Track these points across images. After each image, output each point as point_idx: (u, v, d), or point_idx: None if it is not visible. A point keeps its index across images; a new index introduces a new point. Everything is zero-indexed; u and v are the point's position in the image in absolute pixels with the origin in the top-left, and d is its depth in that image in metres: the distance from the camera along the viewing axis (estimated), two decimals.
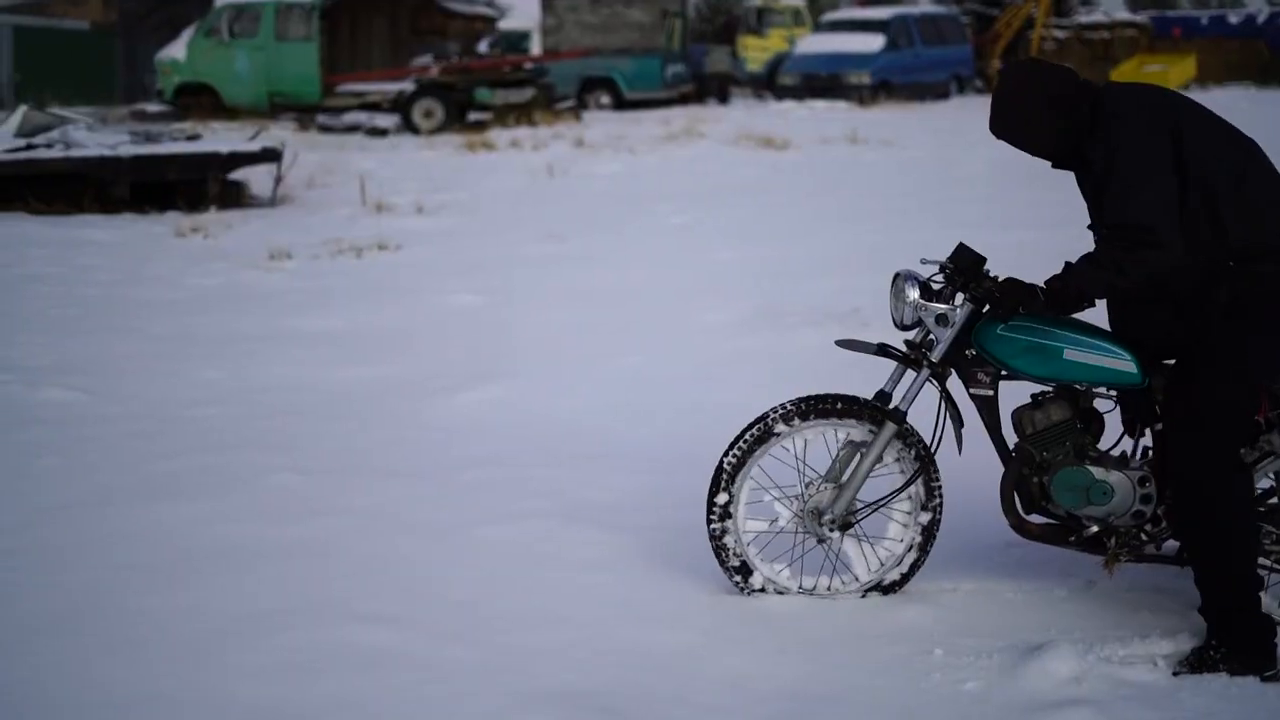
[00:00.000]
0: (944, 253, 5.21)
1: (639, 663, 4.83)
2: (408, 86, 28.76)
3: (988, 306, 5.02)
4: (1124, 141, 4.73)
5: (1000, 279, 5.01)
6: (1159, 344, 4.95)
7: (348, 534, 6.00)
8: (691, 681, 4.69)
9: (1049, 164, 5.14)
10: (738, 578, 5.33)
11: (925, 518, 5.30)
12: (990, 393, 5.12)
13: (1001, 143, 5.05)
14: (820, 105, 33.21)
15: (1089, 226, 5.03)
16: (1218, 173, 4.72)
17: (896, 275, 5.18)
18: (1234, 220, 4.70)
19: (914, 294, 5.09)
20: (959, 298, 5.09)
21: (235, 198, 17.11)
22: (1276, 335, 4.82)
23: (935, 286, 5.14)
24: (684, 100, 37.01)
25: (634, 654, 4.89)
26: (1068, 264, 4.88)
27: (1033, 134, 4.93)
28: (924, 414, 5.21)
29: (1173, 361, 4.96)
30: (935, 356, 5.11)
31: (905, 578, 5.35)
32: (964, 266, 5.06)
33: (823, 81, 34.83)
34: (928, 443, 5.25)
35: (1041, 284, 4.90)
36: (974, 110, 26.77)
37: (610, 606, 5.29)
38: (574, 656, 4.87)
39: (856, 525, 5.29)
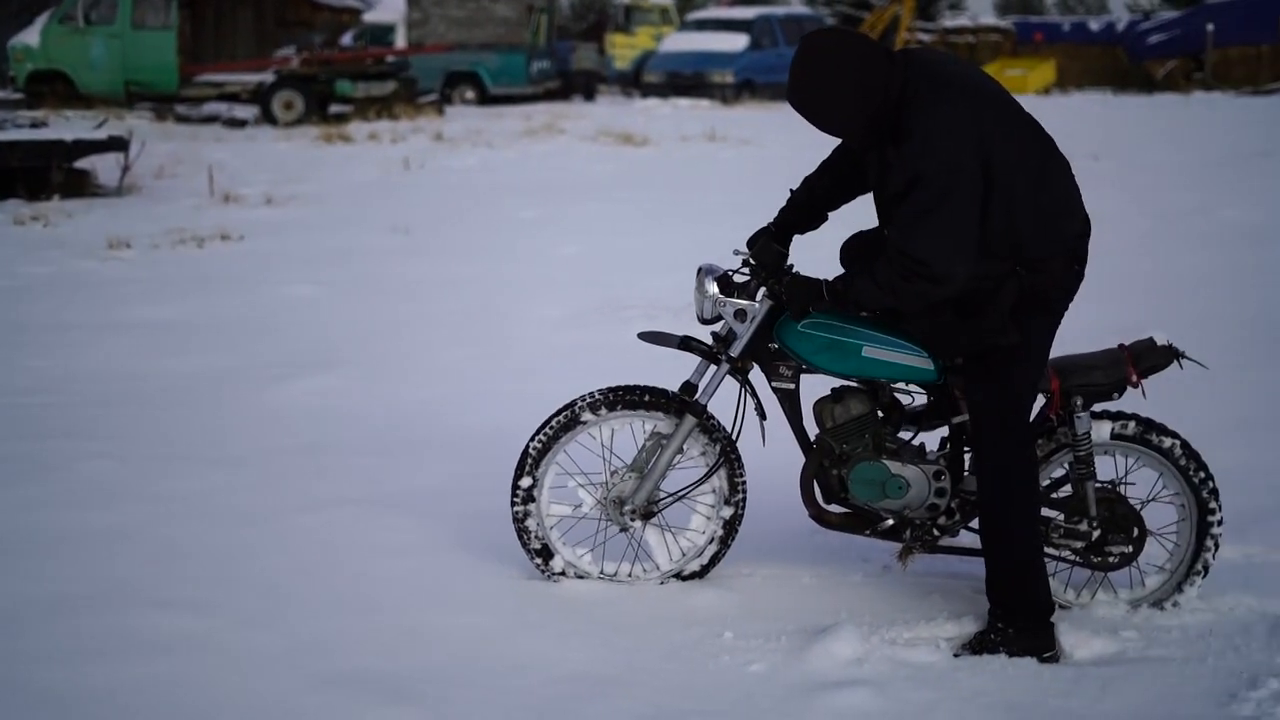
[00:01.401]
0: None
1: (434, 646, 4.87)
2: (267, 78, 28.54)
3: None
4: (929, 167, 4.59)
5: (793, 276, 5.07)
6: (945, 346, 4.98)
7: (157, 520, 5.98)
8: (483, 664, 4.73)
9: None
10: (539, 560, 5.40)
11: (728, 512, 5.38)
12: (791, 386, 5.20)
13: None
14: (684, 103, 33.44)
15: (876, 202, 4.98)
16: (1020, 183, 4.68)
17: (699, 269, 5.24)
18: (1031, 231, 4.72)
19: (713, 289, 5.15)
20: (761, 293, 5.16)
21: (80, 186, 16.84)
22: (1056, 316, 4.93)
23: (740, 280, 5.21)
24: (550, 96, 37.06)
25: (430, 637, 4.93)
26: (854, 270, 4.88)
27: (833, 115, 4.72)
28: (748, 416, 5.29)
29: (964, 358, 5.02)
30: (734, 352, 5.17)
31: (705, 569, 5.43)
32: (766, 262, 5.13)
33: (687, 80, 35.10)
34: (732, 436, 5.33)
35: (827, 280, 4.94)
36: None
37: (413, 591, 5.32)
38: (371, 640, 4.90)
39: (659, 515, 5.37)
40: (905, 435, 5.26)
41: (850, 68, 4.66)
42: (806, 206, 5.27)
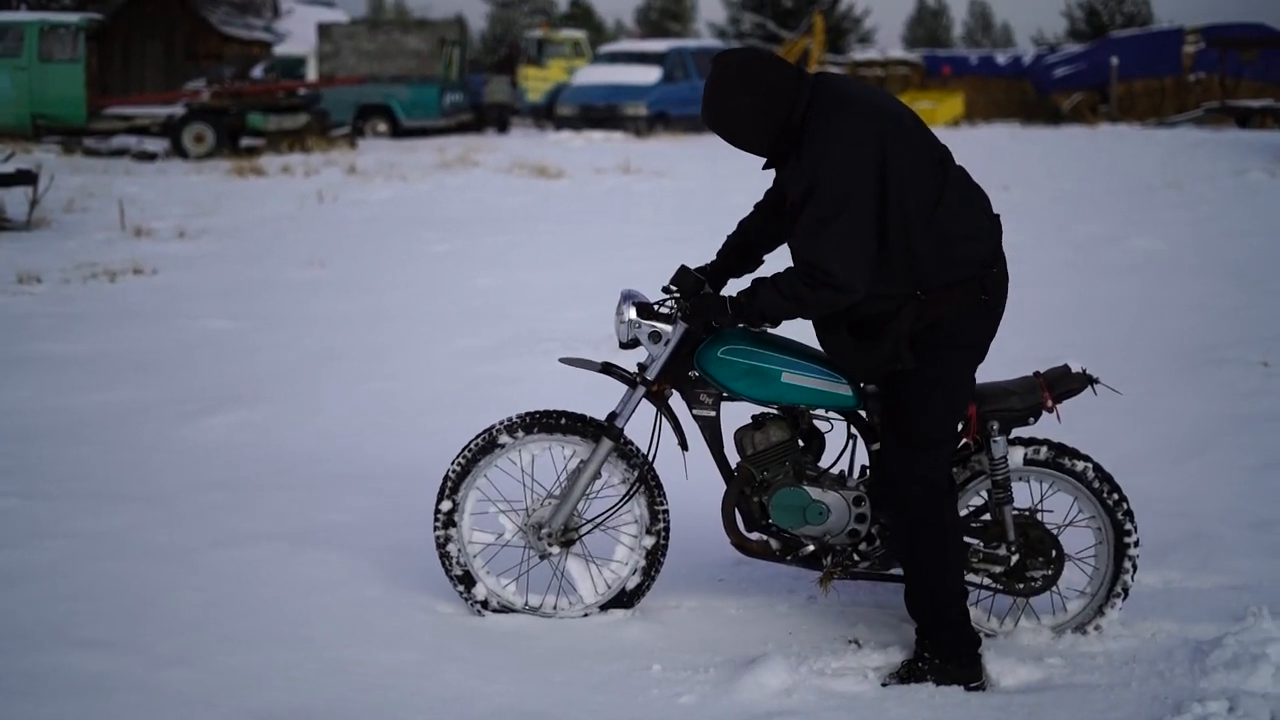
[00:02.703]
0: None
1: (359, 682, 4.81)
2: (177, 110, 28.27)
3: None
4: (824, 175, 4.67)
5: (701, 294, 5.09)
6: (847, 367, 5.00)
7: (71, 558, 5.86)
8: (409, 700, 4.68)
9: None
10: (461, 587, 5.36)
11: (649, 542, 5.35)
12: (713, 414, 5.21)
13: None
14: (597, 136, 33.52)
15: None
16: (915, 206, 4.71)
17: (621, 294, 5.26)
18: (927, 254, 4.74)
19: (630, 313, 5.17)
20: (678, 316, 5.15)
21: None
22: (974, 351, 4.95)
23: (665, 311, 5.21)
24: (463, 129, 37.04)
25: (354, 673, 4.87)
26: (758, 281, 4.91)
27: (743, 131, 4.83)
28: (667, 442, 5.29)
29: (875, 386, 5.03)
30: (650, 375, 5.18)
31: (630, 601, 5.39)
32: (685, 288, 5.15)
33: (600, 112, 35.20)
34: (652, 461, 5.31)
35: (733, 296, 4.97)
36: None
37: (335, 626, 5.25)
38: (294, 676, 4.83)
39: (580, 543, 5.34)
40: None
41: (760, 84, 4.77)
42: (740, 249, 5.32)
